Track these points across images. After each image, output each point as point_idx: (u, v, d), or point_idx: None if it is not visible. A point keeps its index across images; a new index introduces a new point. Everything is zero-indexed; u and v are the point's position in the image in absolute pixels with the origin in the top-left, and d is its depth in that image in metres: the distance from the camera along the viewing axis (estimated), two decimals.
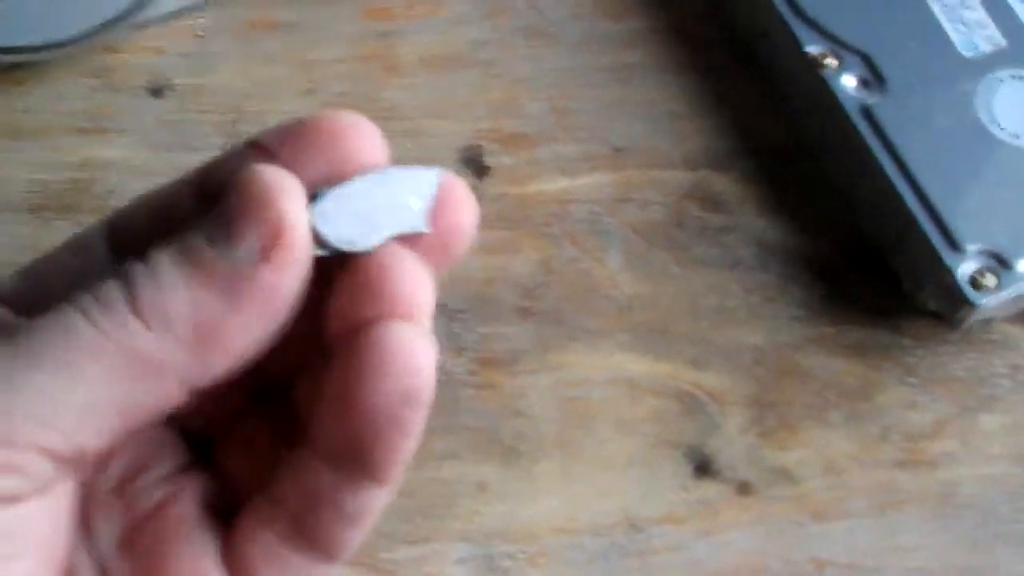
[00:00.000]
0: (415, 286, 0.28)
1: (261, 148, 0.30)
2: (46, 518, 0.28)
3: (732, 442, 0.45)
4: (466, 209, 0.30)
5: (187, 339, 0.27)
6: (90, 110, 0.51)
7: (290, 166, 0.28)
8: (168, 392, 0.28)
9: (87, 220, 0.45)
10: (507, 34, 0.53)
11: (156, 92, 0.51)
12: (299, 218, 0.27)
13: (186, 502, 0.31)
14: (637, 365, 0.46)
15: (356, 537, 0.30)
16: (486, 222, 0.45)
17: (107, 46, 0.52)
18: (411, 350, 0.27)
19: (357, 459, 0.29)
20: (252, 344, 0.28)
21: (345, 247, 0.28)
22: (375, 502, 0.30)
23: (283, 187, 0.28)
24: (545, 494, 0.44)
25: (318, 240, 0.28)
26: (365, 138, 0.30)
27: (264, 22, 0.53)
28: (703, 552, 0.43)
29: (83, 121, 0.51)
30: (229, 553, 0.31)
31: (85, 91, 0.51)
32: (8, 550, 0.27)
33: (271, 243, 0.27)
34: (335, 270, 0.29)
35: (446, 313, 0.46)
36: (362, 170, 0.29)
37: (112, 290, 0.28)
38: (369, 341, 0.27)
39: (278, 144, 0.29)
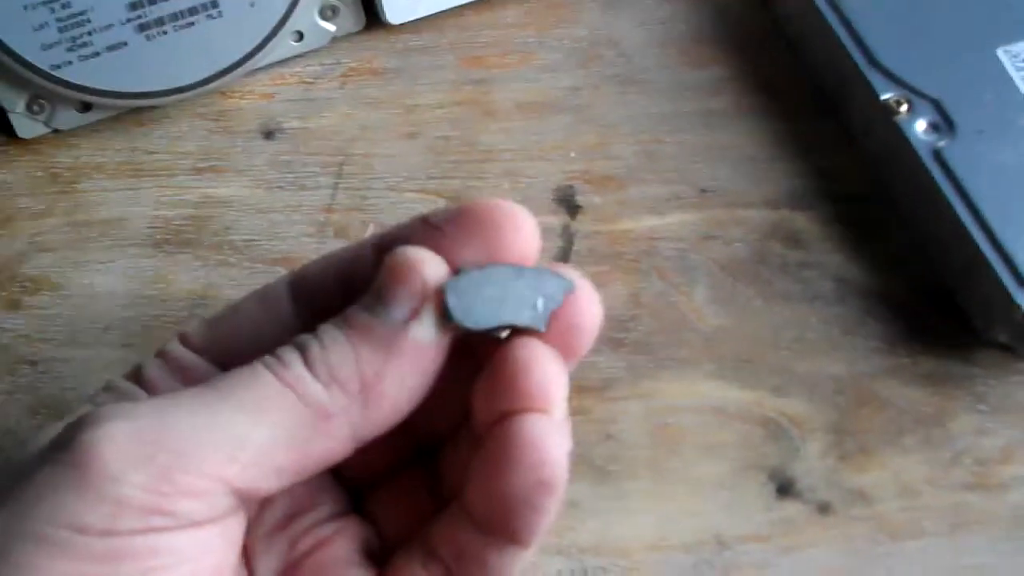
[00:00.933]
0: (551, 382, 0.31)
1: (430, 224, 0.33)
2: (218, 548, 0.31)
3: (813, 465, 0.46)
4: (591, 315, 0.33)
5: (353, 390, 0.31)
6: (207, 151, 0.54)
7: (452, 243, 0.32)
8: (337, 440, 0.31)
9: (206, 254, 0.49)
10: (598, 81, 0.55)
11: (268, 134, 0.54)
12: (436, 281, 0.31)
13: (342, 544, 0.35)
14: (723, 393, 0.47)
15: None
16: (578, 258, 0.49)
17: (222, 91, 0.55)
18: (545, 444, 0.31)
19: (500, 529, 0.32)
20: (408, 396, 0.31)
21: (463, 322, 0.31)
22: (517, 560, 0.33)
23: (426, 260, 0.31)
24: (637, 513, 0.45)
25: (444, 312, 0.31)
26: (520, 229, 0.33)
27: (367, 69, 0.56)
28: (786, 569, 0.44)
29: (200, 161, 0.53)
30: None
31: (202, 133, 0.54)
32: (189, 571, 0.29)
33: (418, 304, 0.31)
34: (479, 356, 0.32)
35: None
36: (508, 259, 0.32)
37: (288, 351, 0.31)
38: (509, 433, 0.31)
39: (445, 222, 0.33)
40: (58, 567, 0.28)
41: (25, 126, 0.53)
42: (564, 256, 0.50)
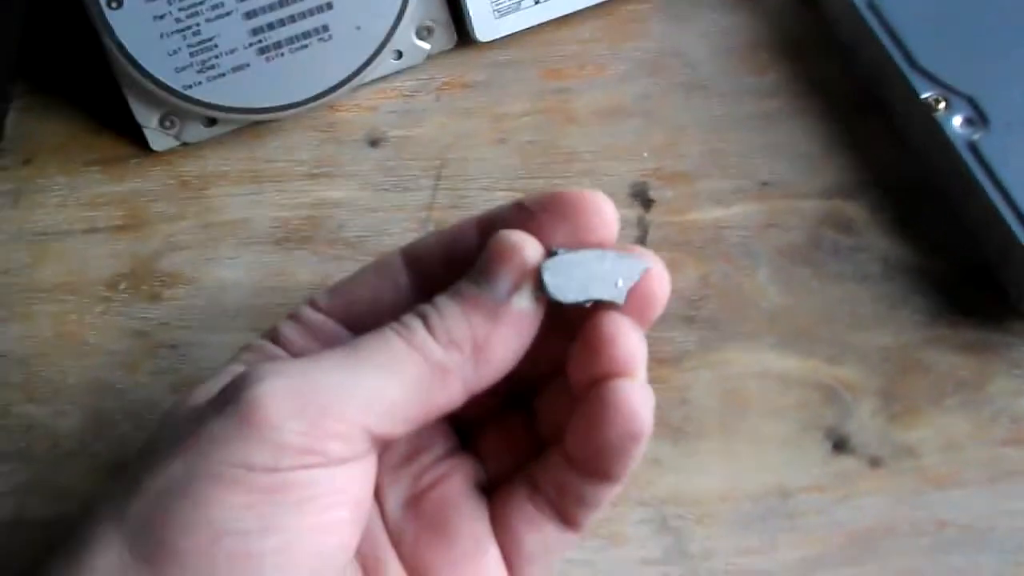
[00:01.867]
0: (635, 351, 0.36)
1: (524, 208, 0.38)
2: (359, 481, 0.35)
3: (864, 424, 0.50)
4: (661, 290, 0.38)
5: (467, 351, 0.36)
6: (318, 159, 0.58)
7: (543, 225, 0.37)
8: (453, 393, 0.36)
9: (322, 249, 0.54)
10: (666, 88, 0.59)
11: (373, 143, 0.59)
12: (532, 261, 0.36)
13: (457, 479, 0.40)
14: (784, 362, 0.52)
15: (594, 515, 0.39)
16: (652, 245, 0.53)
17: (331, 106, 0.59)
18: (634, 403, 0.36)
19: (596, 471, 0.37)
20: (511, 355, 0.37)
21: (557, 296, 0.36)
22: (610, 493, 0.38)
23: (526, 243, 0.36)
24: (709, 467, 0.50)
25: (539, 286, 0.36)
26: (602, 214, 0.37)
27: (459, 82, 0.60)
28: (842, 515, 0.48)
29: (313, 168, 0.58)
30: (496, 519, 0.39)
31: (314, 143, 0.59)
32: (333, 501, 0.34)
33: (519, 280, 0.36)
34: (569, 321, 0.37)
35: None
36: (593, 243, 0.37)
37: (412, 319, 0.36)
38: (603, 395, 0.36)
39: (538, 207, 0.38)
40: (233, 498, 0.33)
41: (158, 140, 0.58)
42: (641, 244, 0.54)
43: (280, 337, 0.40)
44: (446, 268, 0.39)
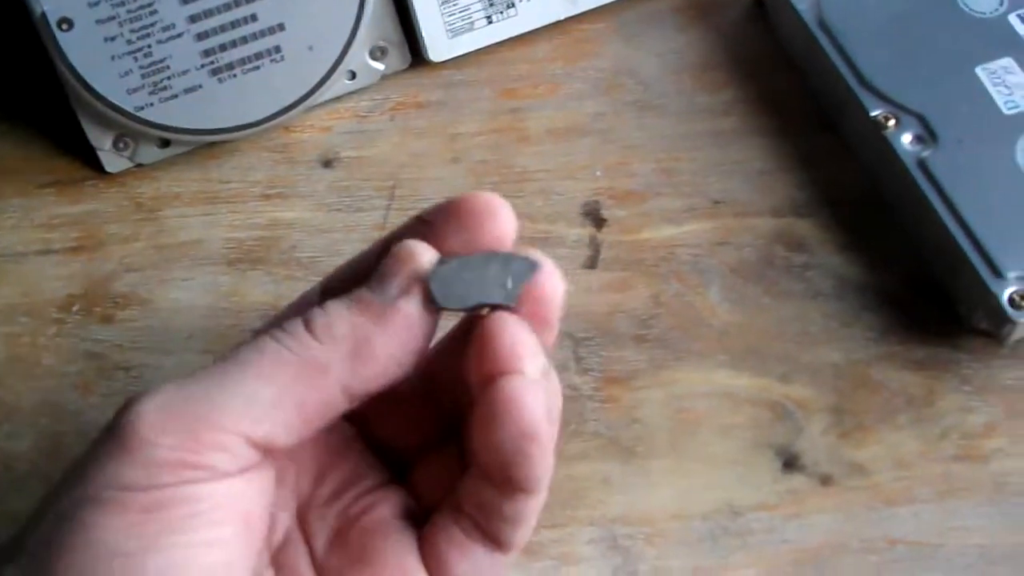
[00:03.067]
0: (518, 345, 0.35)
1: (424, 221, 0.38)
2: (247, 494, 0.35)
3: (815, 442, 0.50)
4: (552, 288, 0.37)
5: (347, 350, 0.35)
6: (272, 179, 0.58)
7: (440, 233, 0.37)
8: (332, 394, 0.35)
9: (276, 270, 0.54)
10: (620, 107, 0.60)
11: (327, 163, 0.59)
12: (423, 267, 0.36)
13: (386, 509, 0.39)
14: (734, 380, 0.52)
15: (522, 533, 0.38)
16: (605, 265, 0.54)
17: (285, 126, 0.59)
18: (521, 400, 0.34)
19: (503, 479, 0.36)
20: (395, 361, 0.36)
21: (444, 304, 0.36)
22: (529, 507, 0.37)
23: (417, 250, 0.36)
24: (660, 487, 0.49)
25: (428, 296, 0.36)
26: (495, 215, 0.37)
27: (413, 102, 0.60)
28: (792, 533, 0.48)
29: (267, 189, 0.58)
30: (426, 548, 0.38)
31: (268, 164, 0.59)
32: (217, 517, 0.34)
33: (407, 284, 0.36)
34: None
35: (574, 340, 0.53)
36: (486, 247, 0.37)
37: (292, 322, 0.36)
38: (490, 394, 0.35)
39: (435, 216, 0.38)
40: (114, 520, 0.32)
41: (112, 162, 0.58)
42: (592, 263, 0.55)
43: None
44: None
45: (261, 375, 0.34)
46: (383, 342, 0.35)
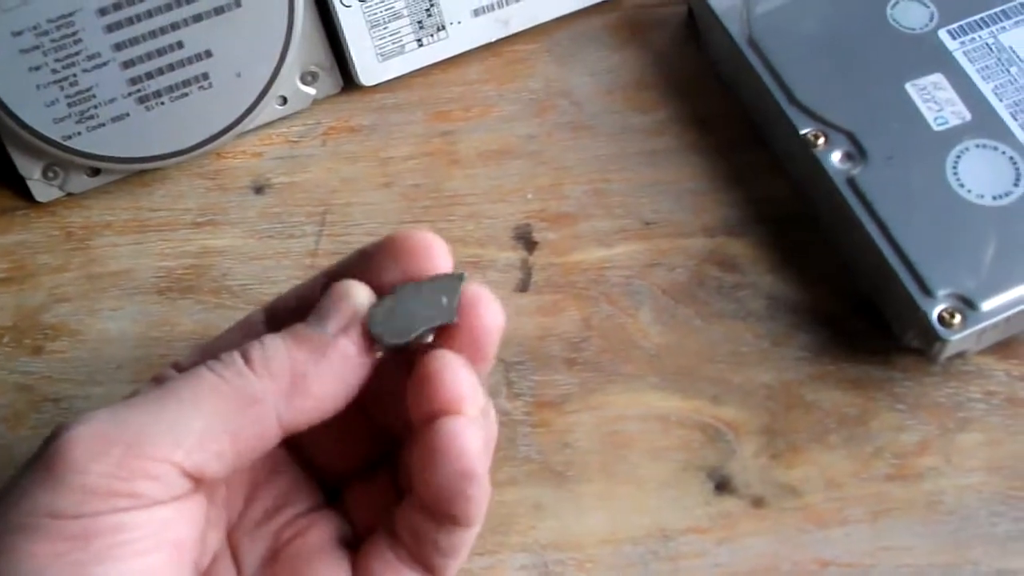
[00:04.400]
0: (460, 387, 0.36)
1: (365, 254, 0.39)
2: (178, 522, 0.35)
3: (747, 464, 0.50)
4: (489, 307, 0.38)
5: (284, 385, 0.36)
6: (204, 207, 0.58)
7: (378, 268, 0.38)
8: (267, 426, 0.36)
9: (207, 299, 0.54)
10: (552, 128, 0.59)
11: (258, 190, 0.58)
12: (361, 308, 0.37)
13: (318, 533, 0.40)
14: (666, 403, 0.51)
15: (456, 563, 0.38)
16: (536, 288, 0.53)
17: (217, 153, 0.59)
18: (462, 440, 0.35)
19: (441, 514, 0.36)
20: (331, 396, 0.36)
21: (387, 341, 0.37)
22: (463, 539, 0.37)
23: (356, 289, 0.37)
24: (591, 511, 0.49)
25: (367, 336, 0.37)
26: (429, 251, 0.38)
27: (345, 127, 0.60)
28: (724, 557, 0.48)
29: (198, 216, 0.58)
30: (359, 573, 0.38)
31: (200, 191, 0.58)
32: (147, 545, 0.33)
33: (346, 321, 0.36)
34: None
35: (505, 365, 0.52)
36: (408, 279, 0.38)
37: (229, 354, 0.36)
38: (432, 433, 0.35)
39: (376, 253, 0.38)
40: (40, 548, 0.32)
41: (42, 191, 0.58)
42: (523, 287, 0.54)
43: None
44: (294, 316, 0.39)
45: (197, 405, 0.35)
46: (320, 379, 0.36)
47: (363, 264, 0.38)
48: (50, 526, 0.32)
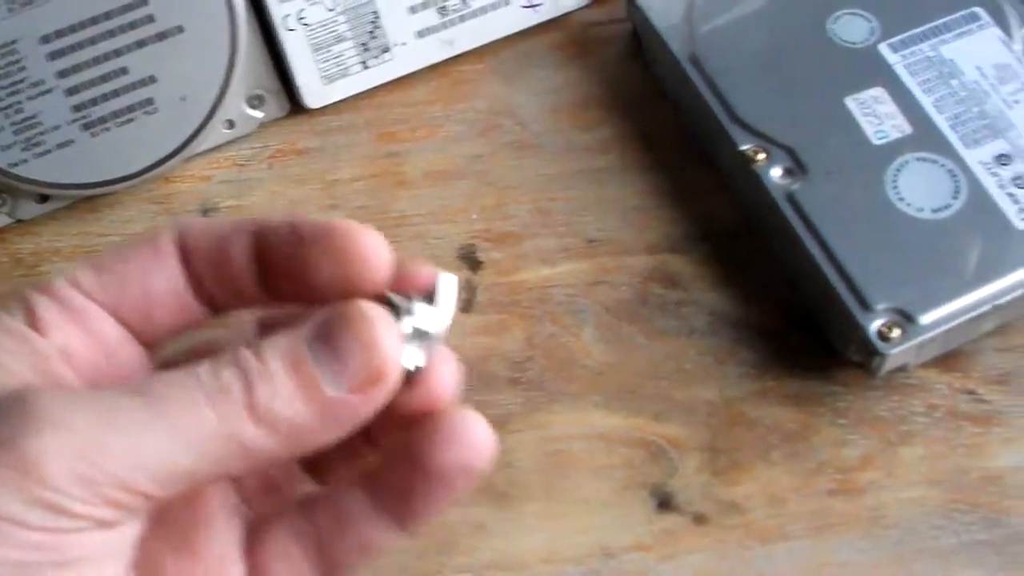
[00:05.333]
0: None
1: (297, 233, 0.34)
2: (127, 539, 0.33)
3: (689, 481, 0.50)
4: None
5: (282, 439, 0.32)
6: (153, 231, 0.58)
7: (312, 259, 0.34)
8: (254, 465, 0.33)
9: None
10: (497, 148, 0.59)
11: (206, 213, 0.58)
12: (397, 364, 0.33)
13: (213, 499, 0.37)
14: (609, 421, 0.52)
15: (363, 564, 0.36)
16: (480, 308, 0.53)
17: (165, 177, 0.59)
18: (482, 430, 0.35)
19: (404, 509, 0.35)
20: (331, 442, 0.33)
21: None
22: (392, 543, 0.36)
23: (386, 335, 0.32)
24: (533, 531, 0.49)
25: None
26: (374, 255, 0.34)
27: (292, 150, 0.60)
28: (666, 574, 0.48)
29: None
30: (252, 548, 0.36)
31: (149, 215, 0.58)
32: (102, 560, 0.32)
33: (370, 382, 0.32)
34: None
35: None
36: (366, 283, 0.34)
37: (234, 380, 0.32)
38: (447, 418, 0.35)
39: (310, 237, 0.34)
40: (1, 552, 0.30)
41: None
42: (467, 307, 0.54)
43: (37, 320, 0.35)
44: (214, 269, 0.35)
45: (187, 440, 0.31)
46: (325, 435, 0.33)
47: (296, 243, 0.34)
48: (13, 532, 0.30)
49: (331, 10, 0.58)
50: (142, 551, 0.35)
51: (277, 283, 0.35)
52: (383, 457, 0.36)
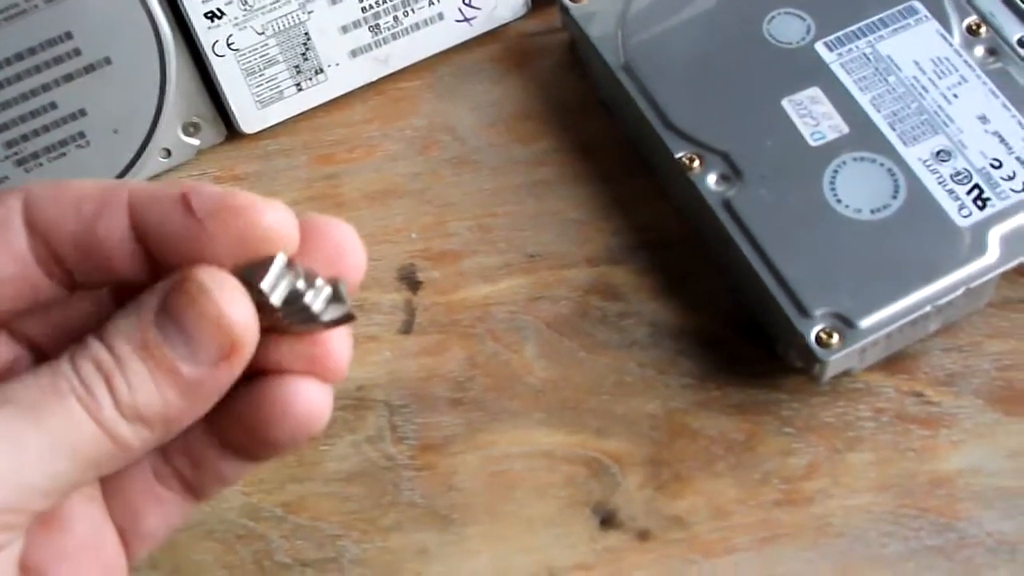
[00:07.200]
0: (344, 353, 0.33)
1: (190, 211, 0.31)
2: (10, 556, 0.31)
3: (632, 497, 0.49)
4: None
5: (156, 428, 0.31)
6: None
7: (212, 238, 0.31)
8: (131, 458, 0.32)
9: None
10: (436, 165, 0.59)
11: None
12: (249, 331, 0.31)
13: None
14: (551, 438, 0.51)
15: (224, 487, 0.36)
16: (420, 329, 0.53)
17: None
18: (323, 408, 0.33)
19: (253, 454, 0.35)
20: (199, 416, 0.32)
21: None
22: (247, 472, 0.35)
23: (231, 303, 0.31)
24: (477, 554, 0.49)
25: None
26: (277, 227, 0.32)
27: (230, 175, 0.60)
28: None
29: None
30: (113, 498, 0.35)
31: None
32: None
33: (228, 351, 0.31)
34: None
35: (390, 409, 0.52)
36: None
37: (96, 381, 0.30)
38: (279, 388, 0.33)
39: (206, 215, 0.31)
40: None
41: None
42: (408, 328, 0.54)
43: None
44: (79, 252, 0.32)
45: (65, 448, 0.30)
46: (196, 411, 0.32)
47: (192, 224, 0.31)
48: None
49: (261, 34, 0.58)
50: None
51: (162, 260, 0.32)
52: (236, 416, 0.34)
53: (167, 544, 0.47)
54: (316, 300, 0.32)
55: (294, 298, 0.31)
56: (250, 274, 0.31)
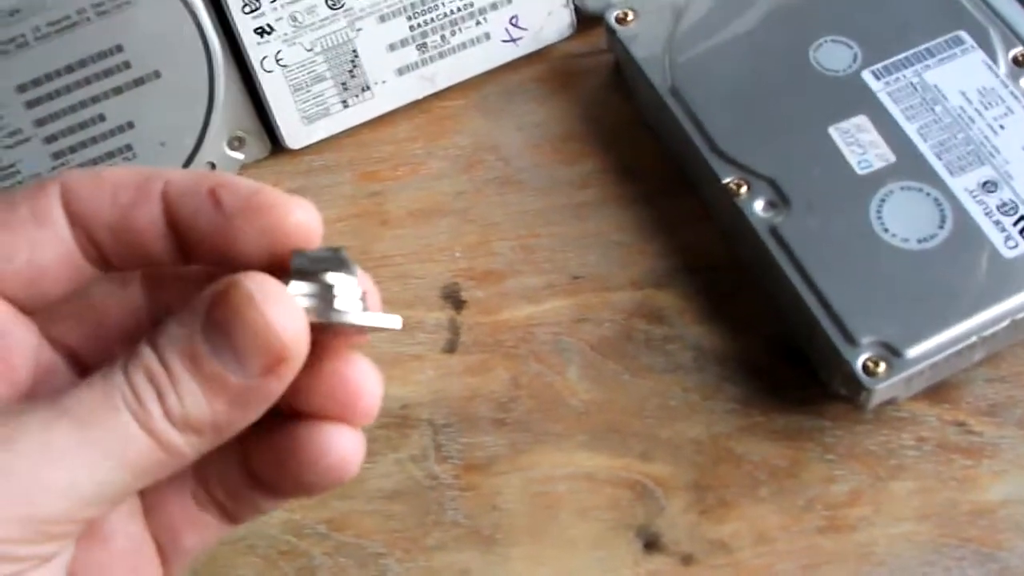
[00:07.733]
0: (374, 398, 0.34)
1: (220, 206, 0.32)
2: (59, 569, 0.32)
3: (676, 521, 0.49)
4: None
5: (206, 435, 0.32)
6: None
7: (240, 233, 0.32)
8: (183, 465, 0.32)
9: None
10: (480, 185, 0.59)
11: None
12: (299, 338, 0.31)
13: None
14: (594, 461, 0.51)
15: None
16: (464, 348, 0.53)
17: None
18: (355, 457, 0.34)
19: (287, 494, 0.36)
20: (250, 422, 0.33)
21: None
22: (284, 504, 0.38)
23: (279, 312, 0.31)
24: (520, 575, 0.49)
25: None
26: (307, 227, 0.33)
27: None
28: None
29: None
30: (154, 518, 0.36)
31: None
32: None
33: (276, 363, 0.31)
34: None
35: (434, 428, 0.52)
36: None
37: (144, 389, 0.31)
38: (316, 435, 0.34)
39: (235, 211, 0.32)
40: None
41: None
42: (451, 347, 0.54)
43: None
44: (116, 238, 0.33)
45: (119, 460, 0.30)
46: (244, 421, 0.32)
47: (221, 220, 0.32)
48: None
49: (309, 50, 0.58)
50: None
51: (193, 249, 0.33)
52: (274, 458, 0.35)
53: (208, 557, 0.49)
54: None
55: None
56: (308, 262, 0.32)
